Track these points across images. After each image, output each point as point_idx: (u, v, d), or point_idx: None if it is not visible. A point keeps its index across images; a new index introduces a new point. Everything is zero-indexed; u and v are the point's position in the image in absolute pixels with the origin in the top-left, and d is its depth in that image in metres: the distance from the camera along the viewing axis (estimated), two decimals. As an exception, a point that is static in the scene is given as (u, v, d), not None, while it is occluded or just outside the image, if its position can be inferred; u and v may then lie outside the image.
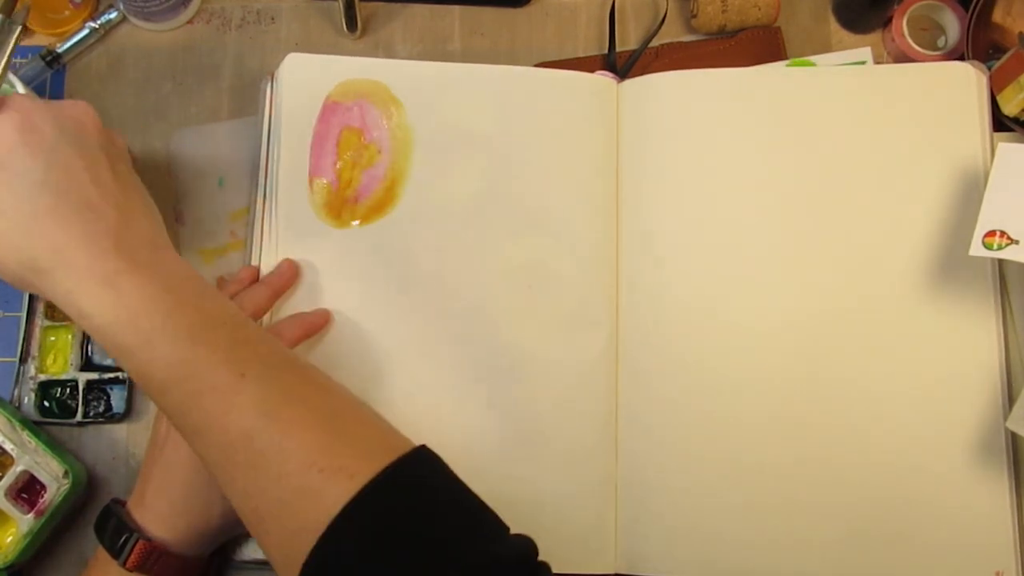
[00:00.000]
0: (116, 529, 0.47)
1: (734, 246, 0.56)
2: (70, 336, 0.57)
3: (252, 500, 0.40)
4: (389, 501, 0.38)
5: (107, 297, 0.41)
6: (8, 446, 0.53)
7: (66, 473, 0.53)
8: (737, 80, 0.59)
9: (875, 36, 0.64)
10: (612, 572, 0.53)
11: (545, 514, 0.53)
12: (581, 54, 0.63)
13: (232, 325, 0.43)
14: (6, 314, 0.59)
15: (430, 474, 0.41)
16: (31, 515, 0.52)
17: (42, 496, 0.52)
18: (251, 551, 0.52)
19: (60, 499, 0.52)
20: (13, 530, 0.52)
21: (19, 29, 0.48)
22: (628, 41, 0.64)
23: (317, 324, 0.53)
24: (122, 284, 0.41)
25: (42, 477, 0.52)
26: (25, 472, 0.53)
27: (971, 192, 0.56)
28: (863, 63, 0.61)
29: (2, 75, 0.48)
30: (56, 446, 0.55)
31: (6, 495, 0.52)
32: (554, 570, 0.52)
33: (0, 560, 0.52)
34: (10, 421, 0.53)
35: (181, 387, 0.41)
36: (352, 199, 0.56)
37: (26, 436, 0.53)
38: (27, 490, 0.53)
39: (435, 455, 0.41)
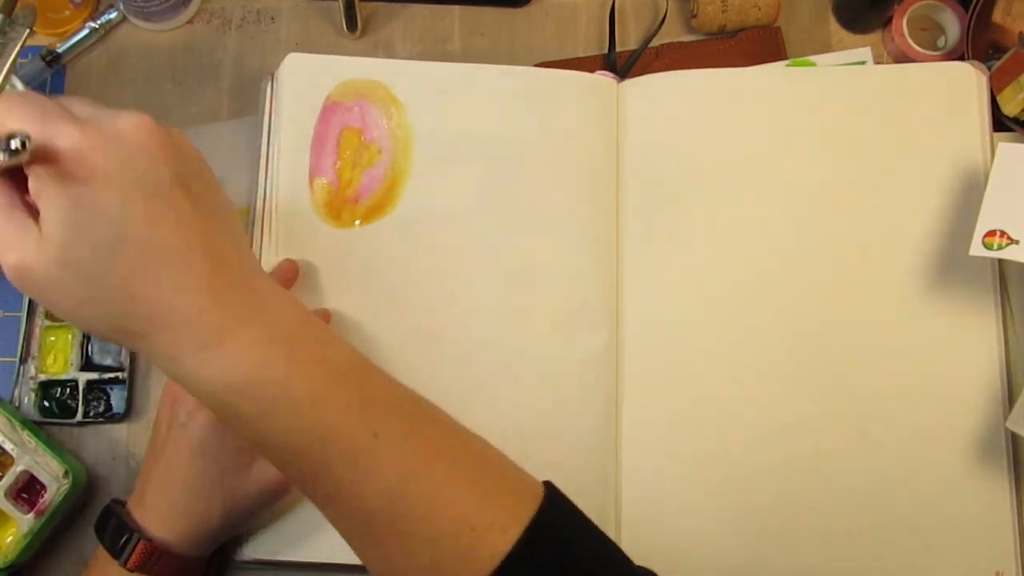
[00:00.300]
0: (116, 529, 0.48)
1: (734, 246, 0.57)
2: (70, 336, 0.58)
3: (396, 565, 0.38)
4: (542, 554, 0.37)
5: (213, 363, 0.36)
6: (8, 446, 0.53)
7: (66, 473, 0.53)
8: (737, 80, 0.59)
9: (875, 36, 0.64)
10: (612, 572, 0.53)
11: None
12: (581, 54, 0.64)
13: (354, 373, 0.39)
14: (6, 314, 0.59)
15: (568, 518, 0.40)
16: (31, 515, 0.52)
17: (42, 496, 0.53)
18: (251, 551, 0.52)
19: (60, 499, 0.53)
20: (13, 530, 0.53)
21: (26, 32, 0.49)
22: (628, 41, 0.64)
23: (317, 325, 0.53)
24: (228, 346, 0.36)
25: (42, 477, 0.53)
26: (25, 472, 0.53)
27: (971, 192, 0.56)
28: (863, 63, 0.62)
29: (7, 76, 0.48)
30: (56, 446, 0.55)
31: (6, 495, 0.52)
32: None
33: (0, 560, 0.52)
34: (10, 421, 0.54)
35: (308, 456, 0.37)
36: (352, 199, 0.56)
37: (26, 436, 0.53)
38: (27, 490, 0.54)
39: (559, 492, 0.41)
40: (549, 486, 0.40)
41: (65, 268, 0.35)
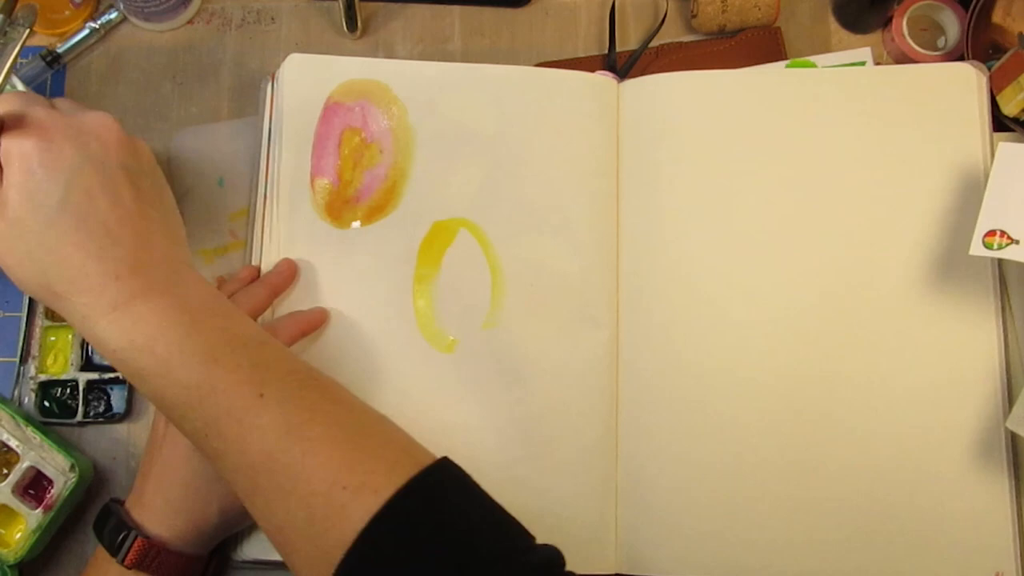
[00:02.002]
0: (114, 527, 0.49)
1: (734, 246, 0.58)
2: (70, 336, 0.59)
3: (277, 520, 0.41)
4: (414, 514, 0.39)
5: (122, 322, 0.42)
6: (13, 443, 0.55)
7: (72, 466, 0.54)
8: (737, 80, 0.60)
9: (875, 36, 0.65)
10: (613, 572, 0.54)
11: (546, 514, 0.54)
12: (581, 54, 0.65)
13: (252, 345, 0.44)
14: (6, 314, 0.60)
15: (454, 486, 0.42)
16: (39, 510, 0.54)
17: (49, 491, 0.54)
18: (250, 550, 0.53)
19: (68, 493, 0.54)
20: (22, 526, 0.54)
21: (26, 32, 0.49)
22: (628, 41, 0.65)
23: (314, 322, 0.55)
24: (137, 308, 0.42)
25: (48, 472, 0.54)
26: (31, 468, 0.54)
27: (971, 192, 0.57)
28: (863, 63, 0.63)
29: (7, 76, 0.49)
30: (61, 440, 0.56)
31: (13, 492, 0.54)
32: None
33: (12, 556, 0.53)
34: (13, 418, 0.55)
35: (199, 411, 0.42)
36: (353, 199, 0.57)
37: (30, 432, 0.55)
38: (34, 486, 0.55)
39: (457, 467, 0.43)
40: (446, 460, 0.43)
41: (12, 227, 0.42)
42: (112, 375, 0.58)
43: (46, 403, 0.58)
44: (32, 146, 0.42)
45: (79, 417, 0.58)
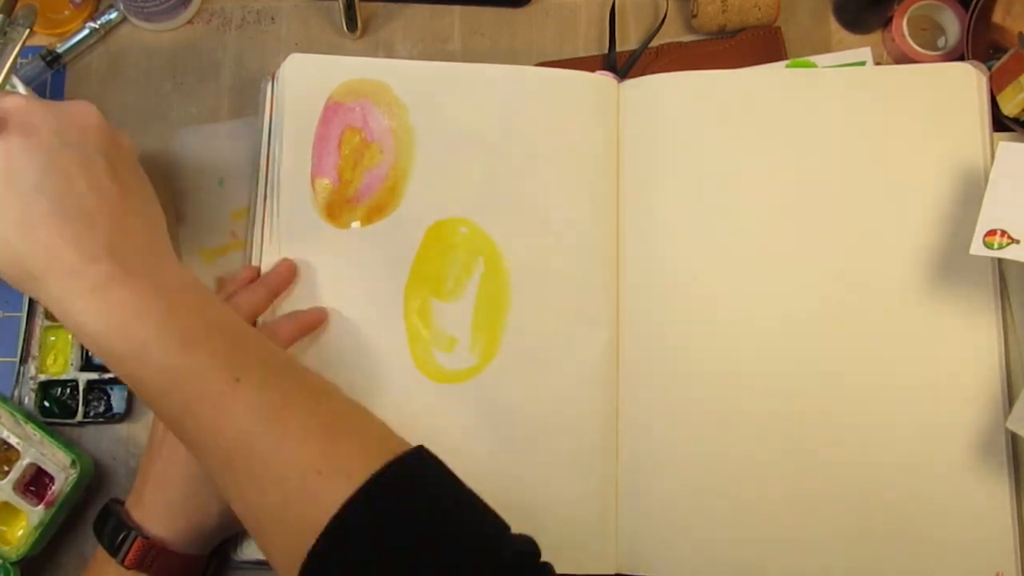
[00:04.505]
0: (115, 528, 0.49)
1: (734, 246, 0.58)
2: (70, 336, 0.59)
3: (251, 505, 0.42)
4: (387, 500, 0.41)
5: (98, 305, 0.42)
6: (13, 440, 0.55)
7: (73, 462, 0.55)
8: (737, 80, 0.60)
9: (875, 36, 0.66)
10: (613, 572, 0.54)
11: (546, 515, 0.55)
12: (581, 54, 0.65)
13: (229, 331, 0.45)
14: (6, 314, 0.60)
15: (429, 473, 0.43)
16: (41, 507, 0.55)
17: (50, 488, 0.55)
18: (250, 551, 0.54)
19: (69, 488, 0.55)
20: (24, 523, 0.55)
21: (26, 32, 0.50)
22: (628, 41, 0.65)
23: (313, 322, 0.55)
24: (114, 292, 0.42)
25: (49, 468, 0.55)
26: (32, 465, 0.55)
27: (971, 192, 0.57)
28: (863, 63, 0.63)
29: (7, 76, 0.49)
30: (61, 436, 0.56)
31: (14, 489, 0.54)
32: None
33: (13, 554, 0.53)
34: (13, 415, 0.56)
35: (175, 394, 0.42)
36: (353, 199, 0.57)
37: (30, 429, 0.55)
38: (35, 483, 0.56)
39: (433, 455, 0.44)
40: (421, 448, 0.44)
41: None
42: (112, 375, 0.59)
43: (46, 403, 0.59)
44: (10, 130, 0.43)
45: (79, 417, 0.58)
